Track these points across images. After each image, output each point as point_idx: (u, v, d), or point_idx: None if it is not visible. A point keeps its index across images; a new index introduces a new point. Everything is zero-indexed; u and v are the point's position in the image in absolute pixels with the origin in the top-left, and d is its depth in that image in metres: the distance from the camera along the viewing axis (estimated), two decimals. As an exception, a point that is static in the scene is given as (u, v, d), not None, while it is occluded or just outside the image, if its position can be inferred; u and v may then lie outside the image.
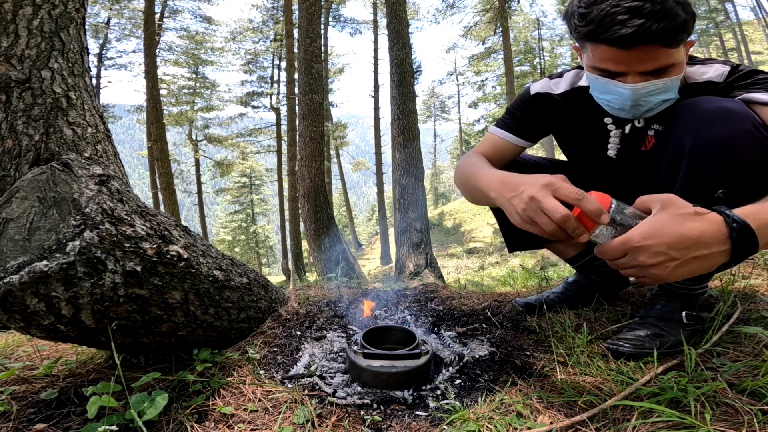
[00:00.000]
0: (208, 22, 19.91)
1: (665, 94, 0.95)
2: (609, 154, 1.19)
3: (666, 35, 0.83)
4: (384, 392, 1.00)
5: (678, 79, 0.94)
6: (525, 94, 1.28)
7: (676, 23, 0.83)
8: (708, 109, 0.91)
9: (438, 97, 32.98)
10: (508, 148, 1.28)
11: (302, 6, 7.16)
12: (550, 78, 1.26)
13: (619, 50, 0.88)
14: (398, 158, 6.96)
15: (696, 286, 1.11)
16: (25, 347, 1.35)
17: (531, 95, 1.26)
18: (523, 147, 1.30)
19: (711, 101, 0.93)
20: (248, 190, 24.37)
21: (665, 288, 1.16)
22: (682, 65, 0.93)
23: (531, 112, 1.26)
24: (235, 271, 1.23)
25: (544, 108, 1.25)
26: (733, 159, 0.88)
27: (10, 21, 1.27)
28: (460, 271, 10.44)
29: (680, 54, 0.91)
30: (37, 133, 1.27)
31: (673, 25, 0.82)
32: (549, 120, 1.27)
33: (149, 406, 0.81)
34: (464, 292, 1.97)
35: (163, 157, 11.61)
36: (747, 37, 25.73)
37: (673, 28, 0.83)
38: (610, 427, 0.78)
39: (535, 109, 1.25)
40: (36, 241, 0.79)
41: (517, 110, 1.28)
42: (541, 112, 1.25)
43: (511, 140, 1.27)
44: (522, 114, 1.27)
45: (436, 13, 23.71)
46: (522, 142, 1.28)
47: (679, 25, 0.83)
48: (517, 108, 1.28)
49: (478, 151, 1.30)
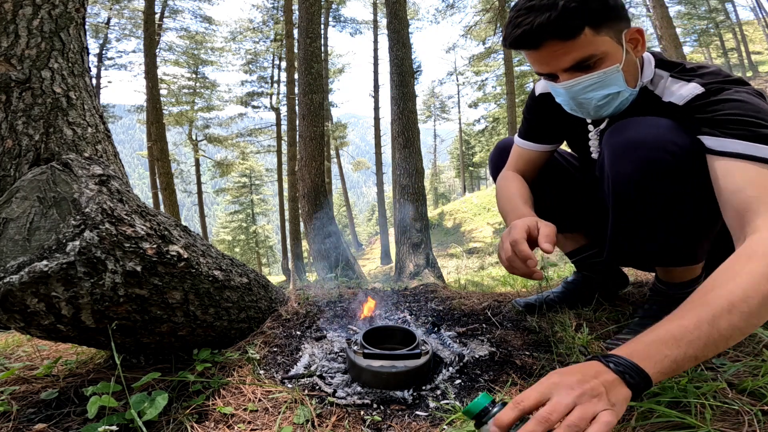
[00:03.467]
0: (208, 22, 19.91)
1: (605, 88, 0.91)
2: (593, 157, 1.18)
3: (555, 28, 0.83)
4: (384, 392, 1.00)
5: (615, 71, 0.89)
6: (531, 95, 1.27)
7: (558, 13, 0.81)
8: (619, 142, 0.92)
9: (438, 97, 32.97)
10: (534, 156, 1.27)
11: (302, 6, 7.16)
12: None
13: (531, 52, 0.89)
14: (398, 158, 6.97)
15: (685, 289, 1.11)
16: (25, 347, 1.35)
17: (536, 96, 1.25)
18: (548, 150, 1.28)
19: (626, 129, 0.92)
20: (248, 190, 24.36)
21: (657, 291, 1.16)
22: (614, 57, 0.88)
23: (540, 113, 1.24)
24: (235, 271, 1.23)
25: (549, 108, 1.22)
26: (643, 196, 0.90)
27: (10, 21, 1.27)
28: (460, 271, 10.43)
29: (599, 45, 0.86)
30: (37, 133, 1.27)
31: (556, 15, 0.81)
32: (555, 120, 1.23)
33: (149, 406, 0.81)
34: (464, 292, 1.97)
35: (163, 157, 11.61)
36: (747, 37, 25.73)
37: (557, 18, 0.81)
38: (610, 427, 0.78)
39: (543, 110, 1.23)
40: (36, 241, 0.79)
41: (528, 115, 1.27)
42: (548, 113, 1.22)
43: (533, 148, 1.27)
44: (533, 117, 1.26)
45: (436, 13, 23.71)
46: (543, 146, 1.26)
47: (562, 14, 0.81)
48: (528, 111, 1.28)
49: (509, 166, 1.31)
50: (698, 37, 24.63)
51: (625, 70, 0.90)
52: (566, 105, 1.00)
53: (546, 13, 0.82)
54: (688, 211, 0.92)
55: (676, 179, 0.88)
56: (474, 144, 31.21)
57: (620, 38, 0.88)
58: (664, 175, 0.87)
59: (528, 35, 0.85)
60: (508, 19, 0.91)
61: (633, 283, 1.63)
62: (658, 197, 0.91)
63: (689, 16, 23.93)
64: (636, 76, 0.94)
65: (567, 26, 0.83)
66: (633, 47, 0.91)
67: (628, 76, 0.91)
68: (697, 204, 0.90)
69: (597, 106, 0.94)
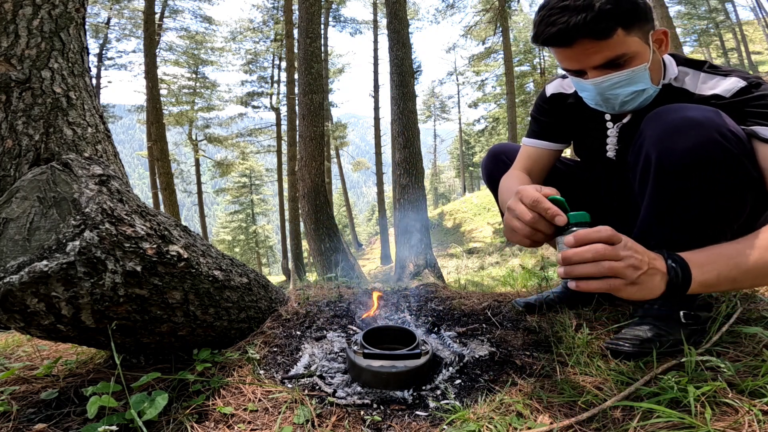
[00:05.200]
0: (208, 22, 19.91)
1: (632, 86, 0.96)
2: (609, 155, 1.19)
3: (589, 28, 0.86)
4: (384, 392, 1.00)
5: (643, 69, 0.94)
6: (542, 96, 1.29)
7: (595, 14, 0.85)
8: (672, 120, 0.90)
9: (438, 97, 32.97)
10: (543, 155, 1.28)
11: (302, 6, 7.16)
12: (563, 78, 1.26)
13: (562, 49, 0.93)
14: (398, 158, 6.96)
15: None
16: (25, 347, 1.35)
17: (547, 97, 1.27)
18: (557, 149, 1.28)
19: (677, 110, 0.91)
20: (248, 190, 24.36)
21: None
22: (642, 56, 0.93)
23: (551, 113, 1.26)
24: (235, 271, 1.23)
25: (561, 108, 1.25)
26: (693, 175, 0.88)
27: (10, 21, 1.27)
28: (460, 271, 10.43)
29: (629, 45, 0.90)
30: (37, 133, 1.27)
31: (592, 16, 0.85)
32: (567, 120, 1.26)
33: (149, 406, 0.81)
34: (464, 292, 1.97)
35: (163, 157, 11.61)
36: (747, 37, 25.72)
37: (592, 19, 0.85)
38: (610, 428, 0.78)
39: (554, 110, 1.26)
40: (36, 241, 0.79)
41: (539, 114, 1.29)
42: (559, 113, 1.25)
43: (542, 146, 1.27)
44: (544, 117, 1.28)
45: (436, 13, 23.73)
46: (553, 145, 1.27)
47: (598, 15, 0.85)
48: (538, 112, 1.29)
49: (516, 166, 1.31)
50: (698, 37, 24.63)
51: (651, 69, 0.96)
52: (591, 100, 1.04)
53: (582, 13, 0.85)
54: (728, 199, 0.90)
55: (728, 164, 0.86)
56: (474, 144, 31.23)
57: (647, 38, 0.93)
58: (719, 158, 0.85)
59: (563, 33, 0.88)
60: (539, 16, 0.93)
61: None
62: (707, 179, 0.88)
63: (689, 16, 23.94)
64: (660, 74, 1.00)
65: (601, 27, 0.86)
66: (658, 47, 0.96)
67: (653, 74, 0.97)
68: (738, 193, 0.89)
69: (623, 101, 0.99)
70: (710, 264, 0.76)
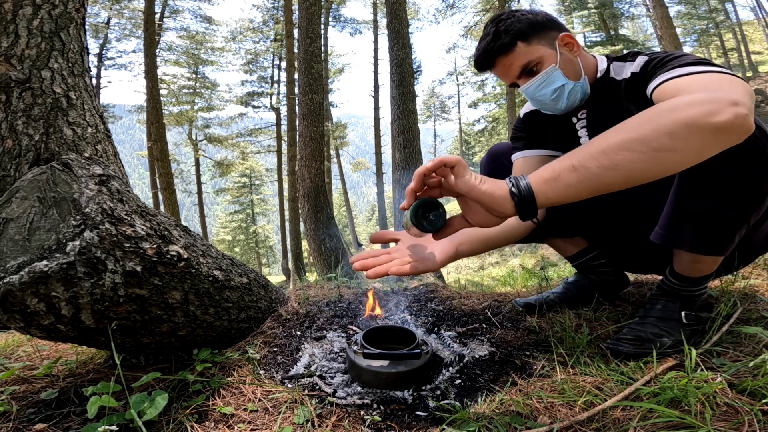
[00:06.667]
0: (208, 22, 19.90)
1: (551, 85, 1.10)
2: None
3: (497, 47, 1.09)
4: (384, 392, 1.00)
5: (553, 69, 1.09)
6: (518, 120, 1.38)
7: (497, 36, 1.09)
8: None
9: (438, 97, 32.94)
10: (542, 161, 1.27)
11: (302, 6, 7.15)
12: None
13: (493, 70, 1.15)
14: (398, 158, 6.96)
15: (695, 287, 1.11)
16: (25, 347, 1.35)
17: (522, 117, 1.36)
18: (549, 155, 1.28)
19: None
20: (248, 190, 24.35)
21: (664, 288, 1.16)
22: (550, 58, 1.09)
23: (529, 129, 1.33)
24: (235, 271, 1.23)
25: (536, 122, 1.32)
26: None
27: (10, 21, 1.27)
28: (460, 271, 10.43)
29: (533, 52, 1.08)
30: (37, 133, 1.27)
31: (495, 38, 1.09)
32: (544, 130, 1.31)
33: (149, 406, 0.81)
34: (464, 292, 1.97)
35: (163, 157, 11.61)
36: (747, 37, 25.72)
37: (495, 40, 1.09)
38: (610, 428, 0.78)
39: (531, 125, 1.33)
40: (36, 241, 0.79)
41: (519, 132, 1.35)
42: (536, 126, 1.32)
43: (532, 154, 1.30)
44: (524, 133, 1.34)
45: (436, 13, 23.63)
46: (543, 151, 1.29)
47: (499, 36, 1.08)
48: (521, 132, 1.35)
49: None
50: (698, 37, 24.61)
51: (563, 68, 1.10)
52: (536, 105, 1.19)
53: (491, 40, 1.10)
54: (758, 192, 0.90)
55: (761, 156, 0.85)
56: (474, 144, 31.19)
57: (553, 44, 1.10)
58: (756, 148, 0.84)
59: (485, 58, 1.12)
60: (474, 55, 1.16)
61: (633, 283, 1.63)
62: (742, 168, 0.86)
63: (689, 16, 23.91)
64: (577, 71, 1.12)
65: (505, 43, 1.08)
66: (569, 49, 1.12)
67: (567, 72, 1.11)
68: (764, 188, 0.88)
69: (552, 99, 1.13)
70: (553, 178, 0.73)
